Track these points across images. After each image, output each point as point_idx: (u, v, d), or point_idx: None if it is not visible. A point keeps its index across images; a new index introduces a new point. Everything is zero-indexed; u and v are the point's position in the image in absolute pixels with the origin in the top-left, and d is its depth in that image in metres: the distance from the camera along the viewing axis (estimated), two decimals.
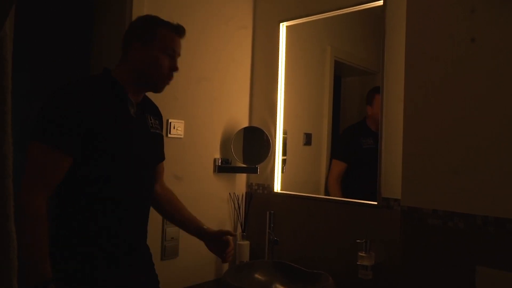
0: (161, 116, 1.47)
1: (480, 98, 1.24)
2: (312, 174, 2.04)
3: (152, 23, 1.28)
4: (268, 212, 1.93)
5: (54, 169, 1.08)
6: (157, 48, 1.25)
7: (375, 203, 1.66)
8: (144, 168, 1.29)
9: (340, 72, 1.99)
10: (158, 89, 1.31)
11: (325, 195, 1.91)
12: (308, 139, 2.06)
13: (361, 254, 1.61)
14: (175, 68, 1.30)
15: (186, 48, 1.89)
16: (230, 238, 1.45)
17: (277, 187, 2.06)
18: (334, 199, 1.85)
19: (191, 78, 1.88)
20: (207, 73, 1.97)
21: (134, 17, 1.65)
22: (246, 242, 2.02)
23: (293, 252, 1.90)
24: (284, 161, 2.07)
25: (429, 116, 1.34)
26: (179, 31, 1.30)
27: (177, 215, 1.48)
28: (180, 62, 1.32)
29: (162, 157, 1.47)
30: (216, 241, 1.44)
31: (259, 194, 2.11)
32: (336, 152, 1.94)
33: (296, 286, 1.68)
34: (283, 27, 2.09)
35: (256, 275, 1.77)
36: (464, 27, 1.28)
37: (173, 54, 1.28)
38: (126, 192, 1.21)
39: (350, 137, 1.95)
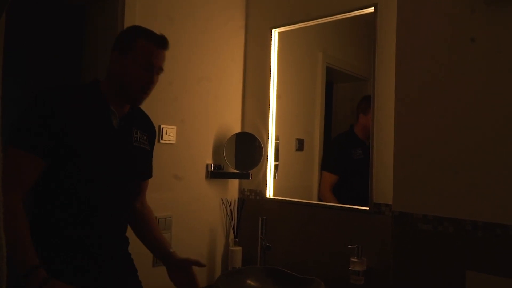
0: (154, 132, 1.43)
1: (469, 105, 1.26)
2: (304, 179, 2.04)
3: (131, 32, 1.24)
4: (260, 218, 1.93)
5: (26, 172, 1.11)
6: (133, 60, 1.20)
7: (367, 208, 1.67)
8: (118, 179, 1.25)
9: (332, 78, 2.00)
10: (133, 102, 1.26)
11: (318, 201, 1.92)
12: (300, 145, 2.07)
13: (353, 259, 1.62)
14: (150, 82, 1.23)
15: (179, 54, 1.90)
16: (193, 272, 1.33)
17: (269, 193, 2.06)
18: (326, 204, 1.85)
19: (183, 84, 1.89)
20: (199, 79, 1.97)
21: (126, 23, 1.66)
22: (238, 248, 2.01)
23: (286, 258, 1.90)
24: (276, 167, 2.08)
25: (420, 122, 1.36)
26: (160, 42, 1.23)
27: (148, 236, 1.42)
28: (172, 68, 1.32)
29: (144, 173, 1.42)
30: (179, 271, 1.33)
31: (251, 200, 2.11)
32: (326, 164, 1.94)
33: None
34: (275, 33, 2.11)
35: (248, 281, 1.76)
36: (458, 29, 1.30)
37: (149, 67, 1.22)
38: (97, 202, 1.19)
39: (339, 149, 1.96)
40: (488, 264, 1.17)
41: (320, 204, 1.88)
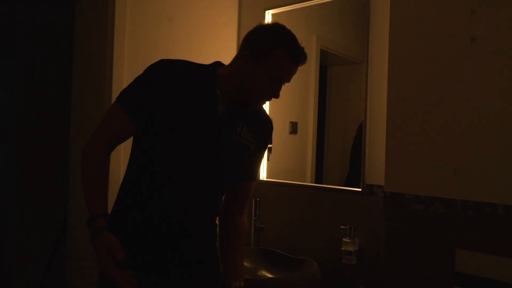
0: (266, 132, 1.31)
1: (462, 86, 1.26)
2: (297, 162, 2.05)
3: (272, 40, 1.13)
4: (254, 200, 1.94)
5: (116, 129, 1.13)
6: (264, 70, 1.11)
7: (359, 189, 1.69)
8: (204, 169, 1.15)
9: (326, 61, 2.00)
10: (249, 106, 1.20)
11: (311, 183, 1.93)
12: (294, 128, 2.07)
13: (345, 240, 1.64)
14: (275, 96, 1.16)
15: (170, 35, 1.88)
16: None
17: (263, 175, 2.07)
18: (319, 186, 1.87)
19: None
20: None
21: (116, 15, 1.65)
22: None
23: (279, 239, 1.92)
24: (270, 150, 2.08)
25: (412, 104, 1.36)
26: (298, 60, 1.13)
27: (229, 256, 1.30)
28: (163, 49, 1.29)
29: (239, 173, 1.27)
30: None
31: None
32: None
33: (281, 272, 1.70)
34: (268, 14, 2.09)
35: (244, 263, 1.78)
36: (451, 9, 1.30)
37: (278, 82, 1.14)
38: (177, 185, 1.13)
39: None
40: (477, 242, 1.19)
41: (313, 186, 1.89)
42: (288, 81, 1.16)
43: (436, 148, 1.30)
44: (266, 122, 1.31)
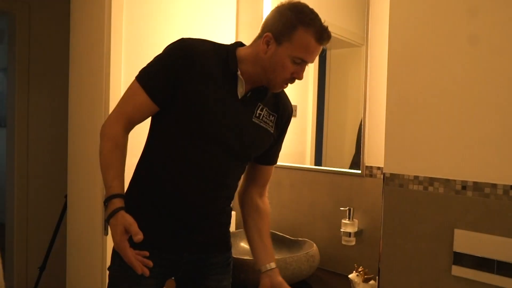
0: (286, 115, 1.29)
1: (462, 68, 1.26)
2: (297, 145, 2.05)
3: (295, 19, 1.09)
4: None
5: (137, 108, 1.13)
6: (288, 51, 1.09)
7: (359, 171, 1.69)
8: (221, 149, 1.15)
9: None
10: (271, 88, 1.17)
11: (311, 166, 1.94)
12: (293, 111, 2.07)
13: (344, 221, 1.65)
14: (298, 77, 1.14)
15: (167, 12, 1.87)
16: None
17: None
18: (319, 168, 1.87)
19: None
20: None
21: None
22: (232, 213, 2.04)
23: (279, 221, 1.94)
24: None
25: (412, 85, 1.36)
26: (322, 38, 1.11)
27: (255, 237, 1.30)
28: (160, 27, 1.27)
29: (259, 156, 1.27)
30: None
31: None
32: None
33: (282, 253, 1.72)
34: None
35: (242, 244, 1.80)
36: None
37: (301, 62, 1.12)
38: (191, 163, 1.13)
39: None
40: (476, 222, 1.20)
41: (313, 168, 1.90)
42: (312, 61, 1.14)
43: (435, 128, 1.30)
44: (286, 106, 1.29)
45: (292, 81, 1.16)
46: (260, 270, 1.23)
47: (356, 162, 1.75)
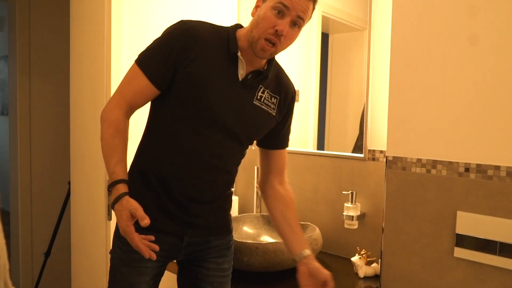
0: (288, 98, 1.25)
1: (465, 51, 1.25)
2: (300, 129, 2.05)
3: None
4: (256, 167, 1.95)
5: (137, 92, 1.12)
6: (270, 2, 1.06)
7: (361, 155, 1.69)
8: (221, 132, 1.14)
9: (328, 28, 1.96)
10: (257, 52, 1.10)
11: (313, 150, 1.94)
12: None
13: (347, 205, 1.65)
14: (280, 30, 1.05)
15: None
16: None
17: None
18: (321, 153, 1.87)
19: None
20: None
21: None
22: (235, 197, 2.05)
23: None
24: None
25: (414, 67, 1.35)
26: None
27: (284, 224, 1.26)
28: (162, 10, 1.26)
29: (256, 139, 1.28)
30: (310, 277, 1.16)
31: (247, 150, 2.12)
32: None
33: None
34: None
35: (245, 228, 1.81)
36: None
37: (284, 11, 1.06)
38: (191, 146, 1.13)
39: None
40: (479, 204, 1.20)
41: (315, 152, 1.89)
42: (299, 16, 1.07)
43: (438, 111, 1.29)
44: (289, 88, 1.26)
45: (276, 38, 1.07)
46: (296, 260, 1.20)
47: (358, 146, 1.74)
